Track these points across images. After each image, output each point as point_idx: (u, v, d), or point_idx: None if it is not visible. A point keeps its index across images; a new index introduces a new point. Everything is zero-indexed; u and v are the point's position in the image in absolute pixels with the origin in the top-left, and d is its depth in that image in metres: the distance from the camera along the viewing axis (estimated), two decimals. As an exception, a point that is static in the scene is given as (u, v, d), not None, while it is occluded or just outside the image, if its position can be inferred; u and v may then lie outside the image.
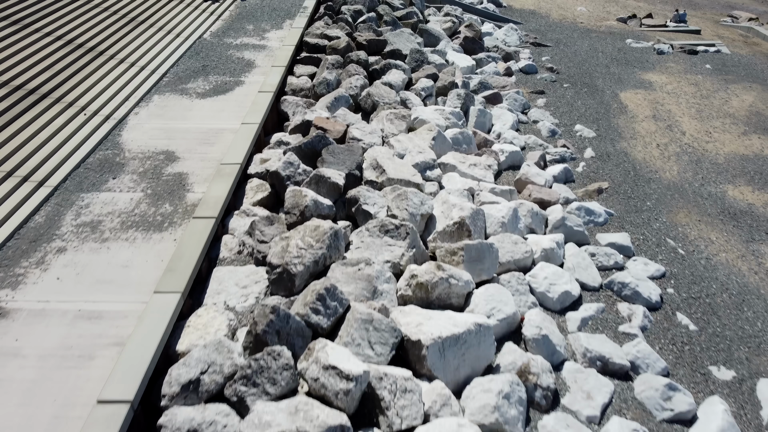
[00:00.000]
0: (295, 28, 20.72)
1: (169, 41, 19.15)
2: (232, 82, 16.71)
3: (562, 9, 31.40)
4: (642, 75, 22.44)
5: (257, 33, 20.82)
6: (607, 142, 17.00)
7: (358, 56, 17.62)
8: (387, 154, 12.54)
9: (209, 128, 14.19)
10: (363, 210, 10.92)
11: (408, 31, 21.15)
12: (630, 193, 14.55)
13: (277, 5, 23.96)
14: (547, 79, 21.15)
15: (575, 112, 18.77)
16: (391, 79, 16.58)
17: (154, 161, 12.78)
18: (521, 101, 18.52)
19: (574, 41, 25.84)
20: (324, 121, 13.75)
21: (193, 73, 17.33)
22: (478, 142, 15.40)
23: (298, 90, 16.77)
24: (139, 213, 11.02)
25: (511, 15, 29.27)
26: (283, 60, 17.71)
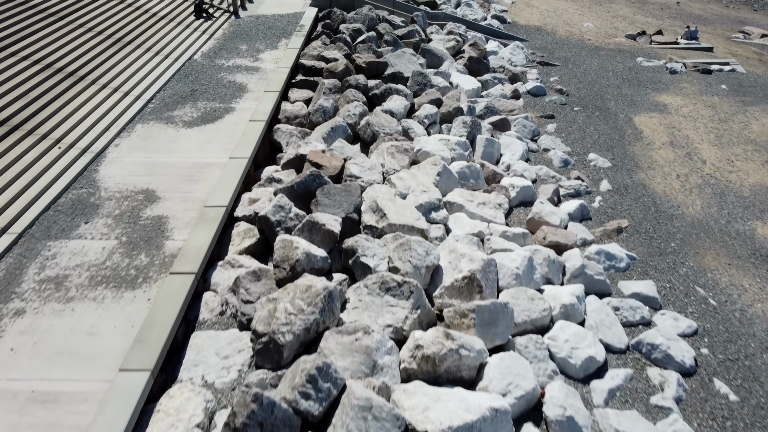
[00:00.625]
0: (290, 48, 19.64)
1: (157, 63, 18.04)
2: (221, 109, 15.59)
3: (568, 25, 30.37)
4: (656, 97, 21.33)
5: (251, 53, 19.74)
6: (623, 173, 15.85)
7: (357, 80, 16.51)
8: (388, 195, 11.39)
9: (195, 162, 13.04)
10: (361, 263, 9.75)
11: (410, 52, 20.06)
12: (652, 232, 13.38)
13: (272, 23, 22.90)
14: (556, 102, 20.04)
15: (588, 139, 17.64)
16: (392, 106, 15.46)
17: (132, 202, 11.62)
18: (530, 127, 17.40)
19: (582, 60, 24.77)
20: (319, 156, 12.61)
21: (180, 98, 16.22)
22: (487, 175, 14.25)
23: (293, 117, 15.65)
24: (111, 265, 9.84)
25: (516, 32, 28.23)
26: (277, 84, 16.61)
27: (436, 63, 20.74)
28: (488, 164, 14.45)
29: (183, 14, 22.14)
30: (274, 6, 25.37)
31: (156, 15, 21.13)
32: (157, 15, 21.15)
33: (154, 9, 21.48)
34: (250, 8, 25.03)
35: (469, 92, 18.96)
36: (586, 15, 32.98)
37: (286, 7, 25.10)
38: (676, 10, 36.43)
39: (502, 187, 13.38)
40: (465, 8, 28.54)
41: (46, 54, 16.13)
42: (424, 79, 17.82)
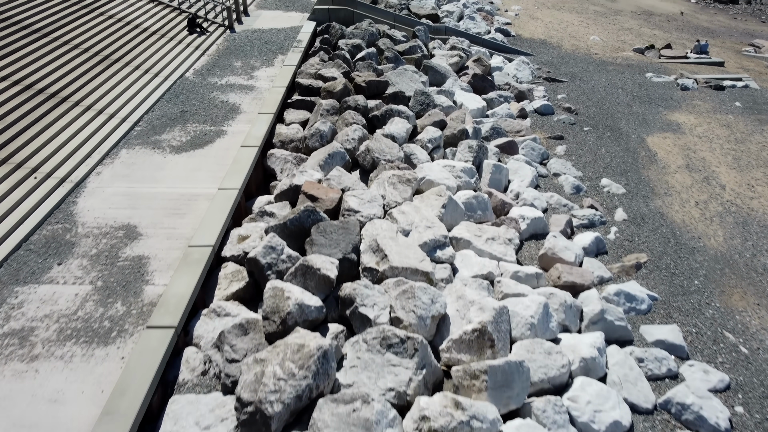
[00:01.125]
0: (287, 65, 18.76)
1: (146, 82, 17.15)
2: (212, 133, 14.69)
3: (574, 38, 29.54)
4: (668, 115, 20.44)
5: (245, 71, 18.86)
6: (639, 200, 14.92)
7: (356, 102, 15.61)
8: (389, 232, 10.45)
9: (181, 193, 12.11)
10: (360, 314, 8.80)
11: (411, 69, 19.19)
12: (673, 267, 12.43)
13: (268, 38, 22.05)
14: (565, 122, 19.15)
15: (600, 162, 16.72)
16: (394, 129, 14.55)
17: (112, 239, 10.68)
18: (539, 150, 16.49)
19: (590, 75, 23.90)
20: (315, 187, 11.68)
21: (169, 120, 15.31)
22: (495, 205, 13.33)
23: (288, 141, 14.74)
24: (83, 316, 8.89)
25: (520, 45, 27.39)
26: (272, 105, 15.71)
27: (439, 80, 19.86)
28: (496, 193, 13.52)
29: (175, 29, 21.29)
30: (271, 20, 24.53)
31: (147, 30, 20.27)
32: (147, 30, 20.30)
33: (144, 24, 20.63)
34: (246, 22, 24.19)
35: (473, 112, 18.06)
36: (592, 28, 32.17)
37: (283, 21, 24.26)
38: (682, 22, 35.64)
39: (512, 219, 12.45)
40: (468, 21, 27.72)
41: (25, 74, 15.25)
42: (426, 98, 16.93)
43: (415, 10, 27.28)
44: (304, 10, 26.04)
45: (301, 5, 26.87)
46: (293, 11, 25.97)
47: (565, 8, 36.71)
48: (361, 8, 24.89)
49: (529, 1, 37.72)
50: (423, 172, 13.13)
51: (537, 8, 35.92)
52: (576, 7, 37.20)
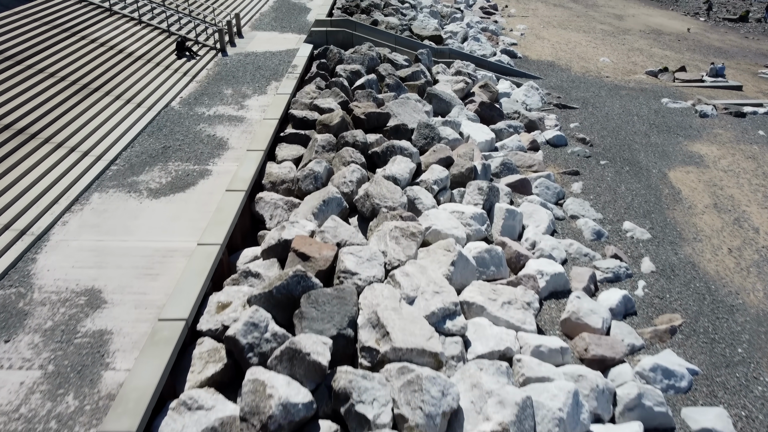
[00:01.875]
0: (281, 93, 17.43)
1: (127, 114, 15.80)
2: (196, 173, 13.31)
3: (583, 60, 28.29)
4: (689, 146, 19.09)
5: (236, 100, 17.53)
6: (666, 247, 13.51)
7: (355, 137, 14.25)
8: (391, 301, 9.03)
9: (156, 248, 10.70)
10: (357, 413, 7.36)
11: (414, 98, 17.87)
12: (712, 331, 10.99)
13: (262, 63, 20.76)
14: (579, 154, 17.78)
15: (620, 202, 15.32)
16: (396, 170, 13.18)
17: (71, 307, 9.26)
18: (554, 189, 15.10)
19: (603, 101, 22.58)
20: (306, 243, 10.27)
21: (149, 158, 13.94)
22: (509, 257, 11.91)
23: (279, 182, 13.36)
24: (27, 414, 7.45)
25: (528, 68, 26.11)
26: (262, 140, 14.35)
27: (444, 109, 18.54)
28: (510, 243, 12.11)
29: (163, 54, 20.00)
30: (266, 42, 23.27)
31: (131, 56, 18.98)
32: (132, 56, 19.00)
33: (129, 49, 19.34)
34: (240, 44, 22.92)
35: (482, 144, 16.70)
36: (601, 48, 30.94)
37: (278, 44, 23.00)
38: (693, 41, 34.44)
39: (529, 276, 11.02)
40: (472, 43, 26.47)
41: (-6, 107, 13.94)
42: (431, 131, 15.58)
43: (417, 31, 26.04)
44: (300, 32, 24.80)
45: (297, 26, 25.63)
46: (289, 32, 24.73)
47: (572, 27, 35.55)
48: (360, 30, 23.64)
49: (535, 20, 36.57)
50: (429, 220, 11.73)
51: (543, 27, 34.75)
52: (583, 26, 36.04)
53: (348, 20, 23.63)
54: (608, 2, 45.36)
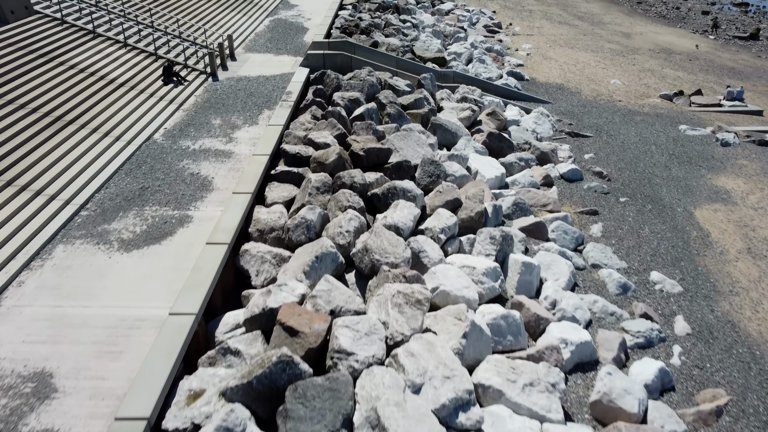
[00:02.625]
0: (273, 124, 16.08)
1: (103, 149, 14.43)
2: (175, 220, 11.90)
3: (593, 82, 26.99)
4: (713, 179, 17.70)
5: (224, 131, 16.17)
6: (700, 303, 12.07)
7: (352, 178, 12.87)
8: (394, 392, 7.59)
9: (122, 316, 9.27)
10: None
11: (418, 129, 16.52)
12: (764, 411, 9.52)
13: (255, 88, 19.43)
14: (597, 190, 16.39)
15: (645, 247, 13.91)
16: (398, 218, 11.77)
17: (15, 398, 7.81)
18: (573, 234, 13.70)
19: (617, 128, 21.24)
20: (295, 313, 8.84)
21: (125, 201, 12.55)
22: (527, 320, 10.48)
23: (267, 230, 11.95)
24: None
25: (536, 91, 24.81)
26: (250, 181, 12.97)
27: (450, 140, 17.18)
28: (528, 303, 10.68)
29: (148, 80, 18.67)
30: (260, 65, 21.98)
31: (114, 82, 17.65)
32: (115, 82, 17.67)
33: (112, 75, 18.01)
34: (232, 68, 21.63)
35: (491, 181, 15.32)
36: (611, 69, 29.67)
37: (273, 67, 21.70)
38: (705, 62, 33.20)
39: (552, 348, 9.58)
40: (477, 65, 25.18)
41: (-48, 146, 12.58)
42: (436, 169, 14.21)
43: (419, 53, 24.76)
44: (296, 54, 23.52)
45: (294, 48, 24.37)
46: (285, 54, 23.45)
47: (579, 46, 34.34)
48: (360, 53, 22.35)
49: (541, 39, 35.37)
50: (436, 279, 10.31)
51: (549, 47, 33.53)
52: (590, 45, 34.83)
53: (347, 42, 22.35)
54: (614, 19, 44.24)
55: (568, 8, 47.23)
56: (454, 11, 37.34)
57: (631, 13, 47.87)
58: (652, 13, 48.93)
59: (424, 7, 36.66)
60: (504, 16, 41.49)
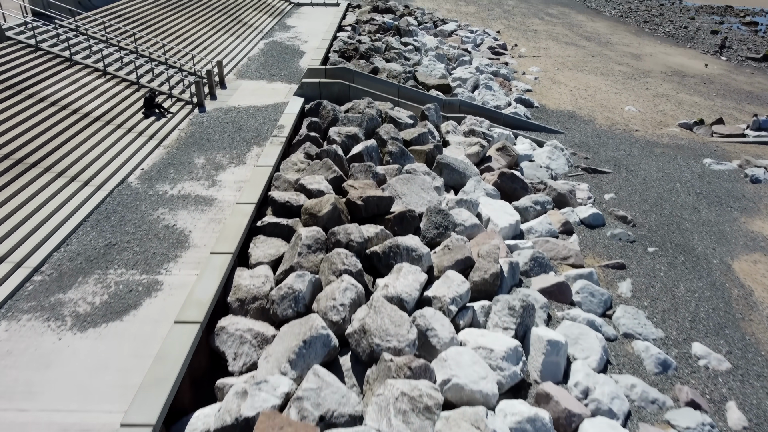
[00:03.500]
0: (262, 165, 14.46)
1: (68, 197, 12.80)
2: (142, 287, 10.23)
3: (606, 109, 25.44)
4: (748, 223, 16.05)
5: (207, 172, 14.56)
6: (754, 384, 10.36)
7: (349, 236, 11.21)
8: None
9: (64, 426, 7.56)
10: None
11: (422, 170, 14.91)
12: None
13: (244, 121, 17.85)
14: (622, 238, 14.73)
15: (683, 310, 12.22)
16: (401, 287, 10.09)
17: None
18: (600, 296, 12.02)
19: (637, 162, 19.63)
20: (275, 427, 7.13)
21: (86, 262, 10.89)
22: (556, 416, 8.77)
23: (250, 300, 10.28)
24: None
25: (546, 119, 23.25)
26: (232, 237, 11.31)
27: (458, 181, 15.56)
28: (555, 394, 8.96)
29: (127, 112, 17.09)
30: (251, 94, 20.43)
31: (88, 116, 16.06)
32: (89, 116, 16.08)
33: (86, 108, 16.43)
34: (221, 97, 20.07)
35: (504, 230, 13.68)
36: (623, 94, 28.15)
37: (265, 96, 20.15)
38: (721, 85, 31.71)
39: (591, 461, 7.84)
40: (484, 92, 23.64)
41: None
42: (444, 219, 12.56)
43: (422, 79, 23.24)
44: (291, 80, 22.00)
45: (288, 74, 22.85)
46: (279, 82, 21.92)
47: (588, 69, 32.88)
48: (359, 80, 20.80)
49: (548, 61, 33.93)
50: (448, 368, 8.62)
51: (557, 69, 32.06)
52: (600, 68, 33.38)
53: (344, 69, 20.82)
54: (622, 40, 42.88)
55: (574, 28, 45.93)
56: (458, 32, 35.95)
57: (639, 33, 46.56)
58: (659, 33, 47.64)
59: (426, 29, 35.26)
60: (509, 36, 40.13)
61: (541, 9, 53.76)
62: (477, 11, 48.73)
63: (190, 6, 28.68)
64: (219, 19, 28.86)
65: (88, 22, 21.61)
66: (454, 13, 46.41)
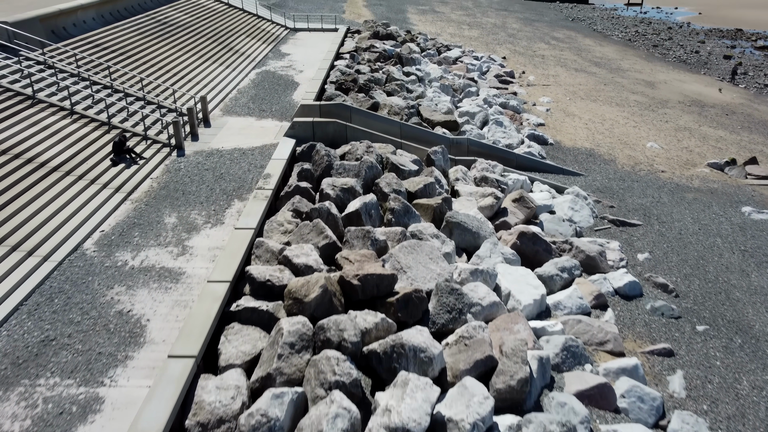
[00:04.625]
0: (242, 227, 12.32)
1: (6, 272, 10.62)
2: (77, 408, 8.02)
3: (627, 146, 23.38)
4: (806, 290, 13.85)
5: (178, 236, 12.42)
6: None
7: (341, 333, 9.02)
8: None
9: None
10: None
11: (429, 233, 12.76)
12: None
13: (227, 168, 15.76)
14: (665, 313, 12.53)
15: (751, 417, 9.97)
16: (408, 413, 7.86)
17: None
18: (650, 401, 9.78)
19: (668, 212, 17.48)
20: None
21: (13, 366, 8.69)
22: None
23: (214, 423, 8.05)
24: None
25: (563, 159, 21.17)
26: (197, 332, 9.12)
27: (470, 242, 13.41)
28: None
29: (92, 160, 15.00)
30: (237, 133, 18.37)
31: (44, 166, 13.96)
32: (45, 166, 13.99)
33: (43, 156, 14.34)
34: (204, 137, 18.01)
35: (528, 308, 11.49)
36: (643, 128, 26.11)
37: (252, 137, 18.09)
38: (744, 117, 29.69)
39: None
40: (494, 128, 21.58)
41: None
42: (457, 300, 10.39)
43: (427, 115, 21.20)
44: (282, 117, 19.97)
45: (280, 109, 20.85)
46: (269, 118, 19.90)
47: (602, 99, 30.91)
48: (356, 119, 18.74)
49: (558, 90, 31.98)
50: None
51: (569, 99, 30.08)
52: (613, 97, 31.42)
53: (341, 106, 18.77)
54: (633, 65, 41.03)
55: (582, 53, 44.14)
56: (462, 59, 34.07)
57: (649, 58, 44.76)
58: (670, 58, 45.85)
59: (429, 56, 33.38)
60: (515, 62, 38.27)
61: (546, 33, 52.10)
62: (481, 35, 47.01)
63: (177, 34, 26.79)
64: (209, 47, 26.96)
65: (59, 54, 19.62)
66: (457, 37, 44.67)
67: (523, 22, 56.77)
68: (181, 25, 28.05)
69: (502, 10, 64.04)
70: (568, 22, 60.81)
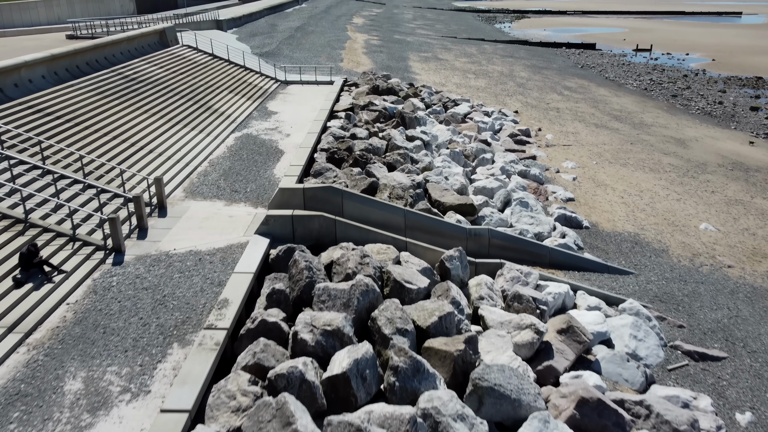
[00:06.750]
0: (170, 410, 8.19)
1: None
2: None
3: (677, 229, 19.39)
4: None
5: (78, 418, 8.28)
6: None
7: None
8: None
9: None
10: None
11: (452, 413, 8.61)
12: None
13: (171, 288, 11.72)
14: None
15: None
16: None
17: None
18: None
19: (755, 333, 13.39)
20: None
21: None
22: None
23: None
24: None
25: (604, 248, 17.16)
26: None
27: (508, 415, 9.26)
28: None
29: (-16, 282, 10.98)
30: (198, 227, 14.42)
31: None
32: None
33: None
34: (154, 232, 14.05)
35: None
36: (688, 201, 22.19)
37: (216, 232, 14.13)
38: (798, 183, 25.81)
39: None
40: (519, 211, 17.61)
41: None
42: None
43: (436, 196, 17.28)
44: (257, 202, 16.07)
45: (255, 189, 16.99)
46: (241, 203, 16.00)
47: (632, 162, 27.12)
48: (349, 206, 14.77)
49: (582, 151, 28.24)
50: None
51: (596, 164, 26.28)
52: (644, 160, 27.64)
53: (330, 189, 14.84)
54: (657, 120, 37.49)
55: (599, 105, 40.71)
56: (472, 116, 30.46)
57: (672, 110, 41.31)
58: (693, 110, 42.40)
59: (434, 112, 29.78)
60: (528, 117, 34.72)
61: (557, 81, 48.90)
62: (488, 85, 43.71)
63: (145, 92, 23.17)
64: (182, 108, 23.29)
65: (-19, 125, 15.85)
66: (463, 87, 41.31)
67: (531, 70, 53.71)
68: (151, 82, 24.47)
69: (507, 57, 61.19)
70: (577, 70, 57.83)
